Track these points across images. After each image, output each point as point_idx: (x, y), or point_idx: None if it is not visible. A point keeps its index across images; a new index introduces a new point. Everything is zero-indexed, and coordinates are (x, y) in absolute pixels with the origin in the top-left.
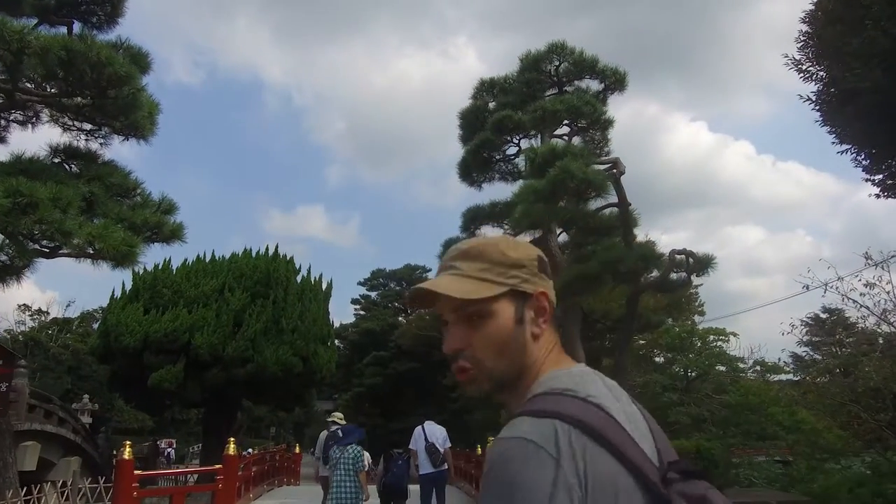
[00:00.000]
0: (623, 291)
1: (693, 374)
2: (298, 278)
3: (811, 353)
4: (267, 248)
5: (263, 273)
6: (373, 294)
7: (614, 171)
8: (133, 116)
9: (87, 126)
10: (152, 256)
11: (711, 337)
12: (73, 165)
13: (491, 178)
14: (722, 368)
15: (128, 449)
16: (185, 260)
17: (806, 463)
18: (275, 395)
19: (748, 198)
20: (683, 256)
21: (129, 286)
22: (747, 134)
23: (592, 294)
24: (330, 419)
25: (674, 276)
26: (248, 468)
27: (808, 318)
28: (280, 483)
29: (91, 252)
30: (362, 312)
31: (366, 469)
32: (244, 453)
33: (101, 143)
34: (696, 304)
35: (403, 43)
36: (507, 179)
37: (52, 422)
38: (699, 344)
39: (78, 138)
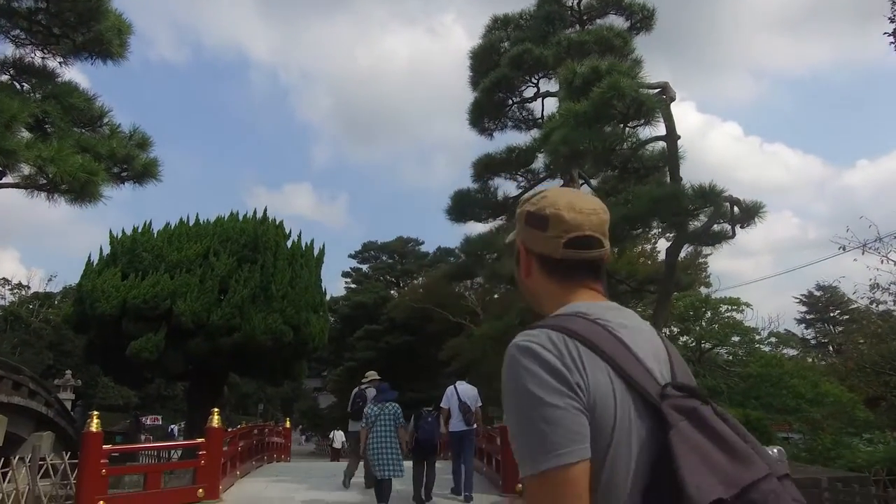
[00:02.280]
0: (628, 258)
1: (707, 344)
2: (288, 244)
3: (804, 331)
4: (255, 211)
5: (251, 237)
6: (364, 267)
7: (663, 97)
8: (97, 28)
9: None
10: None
11: (724, 307)
12: (24, 83)
13: (503, 125)
14: (736, 339)
15: (95, 421)
16: (168, 223)
17: (831, 437)
18: (263, 366)
19: (736, 179)
20: (728, 204)
21: (107, 252)
22: (735, 115)
23: (632, 240)
24: (364, 378)
25: (716, 227)
26: (234, 443)
27: (803, 295)
28: (270, 459)
29: (44, 182)
30: (353, 286)
31: (404, 425)
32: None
33: (60, 63)
34: (704, 275)
35: (390, 18)
36: (521, 128)
37: (22, 394)
38: (709, 314)
39: (33, 54)
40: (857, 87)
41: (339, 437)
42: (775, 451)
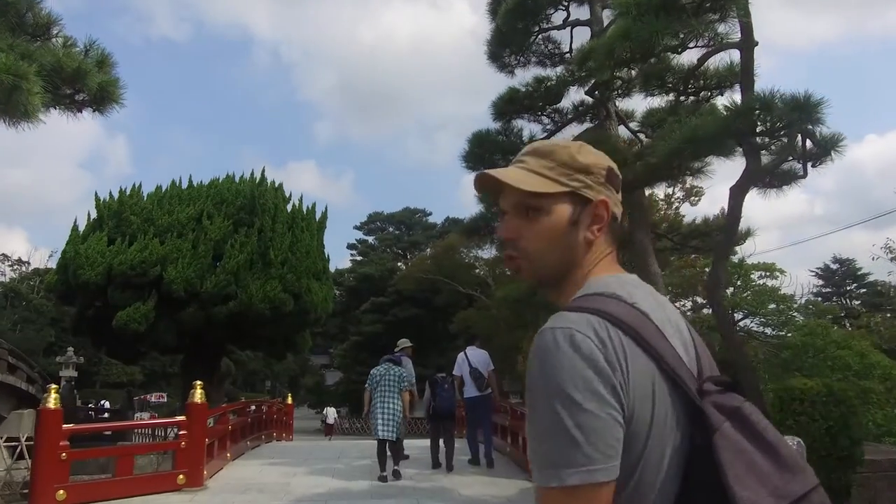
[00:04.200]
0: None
1: (739, 314)
2: (288, 207)
3: (821, 303)
4: (252, 172)
5: (248, 199)
6: (370, 238)
7: None
8: None
9: None
10: (129, 184)
11: (757, 274)
12: None
13: (527, 60)
14: (772, 307)
15: (53, 396)
16: (158, 186)
17: (882, 412)
18: (262, 338)
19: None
20: (799, 137)
21: (94, 217)
22: None
23: (694, 175)
24: (396, 347)
25: (785, 166)
26: (223, 421)
27: (818, 269)
28: (269, 438)
29: None
30: (359, 258)
31: (411, 389)
32: None
33: None
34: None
35: None
36: (546, 63)
37: (0, 368)
38: (739, 282)
39: None
40: (866, 61)
41: (331, 413)
42: (794, 443)
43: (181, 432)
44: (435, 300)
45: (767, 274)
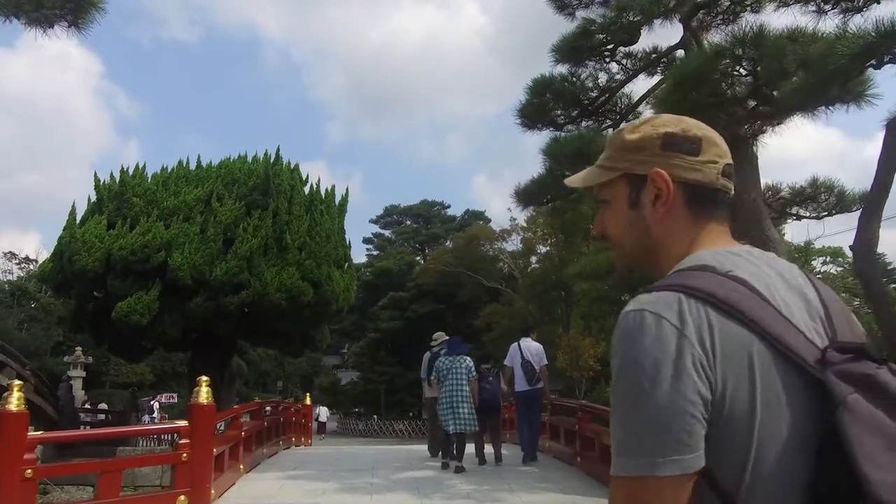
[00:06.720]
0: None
1: None
2: (306, 189)
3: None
4: (266, 152)
5: (261, 179)
6: (387, 232)
7: None
8: None
9: None
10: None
11: (819, 260)
12: None
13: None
14: (844, 295)
15: (16, 394)
16: (164, 166)
17: None
18: (278, 332)
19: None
20: None
21: (94, 200)
22: None
23: (855, 96)
24: (434, 341)
25: None
26: (236, 425)
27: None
28: (287, 444)
29: None
30: (375, 252)
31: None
32: None
33: None
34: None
35: None
36: (609, 3)
37: None
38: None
39: None
40: None
41: (323, 411)
42: None
43: (182, 441)
44: (457, 295)
45: (831, 260)
